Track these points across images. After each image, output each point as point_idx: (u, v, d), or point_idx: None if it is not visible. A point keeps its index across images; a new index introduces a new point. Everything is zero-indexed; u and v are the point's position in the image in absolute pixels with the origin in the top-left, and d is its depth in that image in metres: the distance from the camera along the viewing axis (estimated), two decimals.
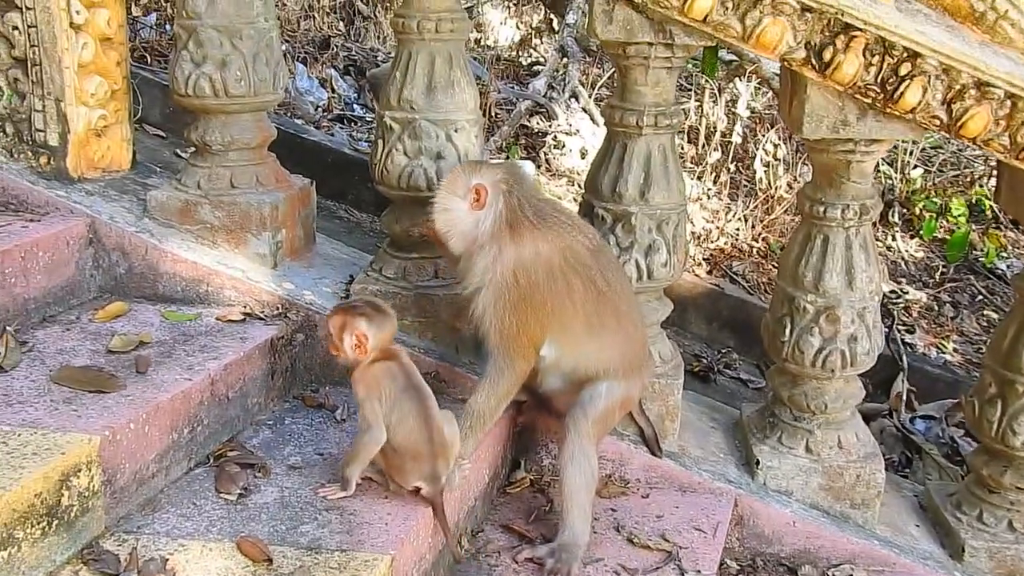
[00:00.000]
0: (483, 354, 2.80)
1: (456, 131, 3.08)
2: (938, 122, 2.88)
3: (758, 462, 3.15)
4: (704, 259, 6.02)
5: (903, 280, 6.91)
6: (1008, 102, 2.82)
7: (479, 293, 2.70)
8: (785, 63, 2.89)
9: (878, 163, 3.18)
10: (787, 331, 3.09)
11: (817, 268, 3.05)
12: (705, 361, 5.25)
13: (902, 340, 5.75)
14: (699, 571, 2.72)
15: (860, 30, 2.78)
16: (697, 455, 3.19)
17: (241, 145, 3.23)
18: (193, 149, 3.32)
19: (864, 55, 2.82)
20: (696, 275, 5.82)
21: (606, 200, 3.11)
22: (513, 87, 7.38)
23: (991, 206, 7.45)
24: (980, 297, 6.91)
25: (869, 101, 2.89)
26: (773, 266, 6.18)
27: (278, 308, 3.11)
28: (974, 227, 7.21)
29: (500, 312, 2.68)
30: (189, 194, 3.23)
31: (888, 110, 2.89)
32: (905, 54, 2.80)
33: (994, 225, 7.39)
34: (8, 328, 2.79)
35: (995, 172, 3.35)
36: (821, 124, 2.94)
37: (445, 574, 2.65)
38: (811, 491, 3.14)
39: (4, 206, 3.18)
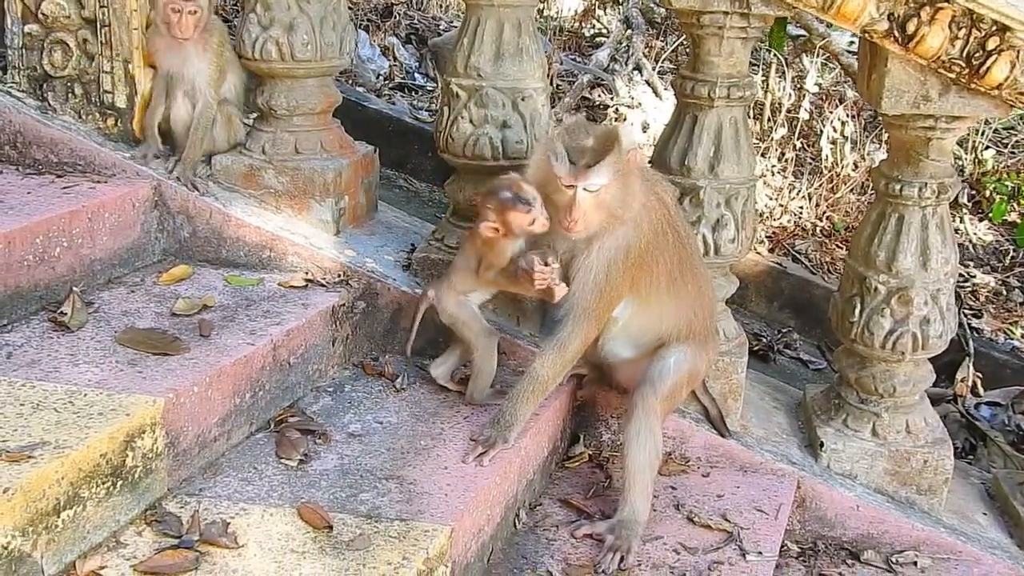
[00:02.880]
0: (549, 320, 2.76)
1: (523, 99, 3.03)
2: None
3: (822, 444, 3.08)
4: (766, 237, 5.91)
5: (971, 264, 6.71)
6: None
7: (595, 248, 2.59)
8: (866, 35, 2.79)
9: None
10: (857, 312, 3.01)
11: (891, 248, 2.96)
12: (765, 340, 5.17)
13: (969, 325, 5.60)
14: (760, 552, 2.67)
15: (947, 2, 2.67)
16: (759, 435, 3.13)
17: (306, 110, 3.21)
18: (258, 114, 3.31)
19: (950, 28, 2.72)
20: (758, 253, 5.71)
21: (674, 173, 3.04)
22: (576, 59, 7.28)
23: None
24: None
25: (953, 76, 2.78)
26: (837, 246, 6.05)
27: (340, 275, 3.10)
28: None
29: (616, 269, 2.59)
30: (254, 159, 3.22)
31: (973, 86, 2.78)
32: (993, 27, 2.69)
33: None
34: (75, 289, 2.82)
35: None
36: (901, 99, 2.84)
37: (503, 546, 2.63)
38: (876, 475, 3.06)
39: (72, 167, 3.20)
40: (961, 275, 6.48)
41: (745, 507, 2.85)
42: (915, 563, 2.94)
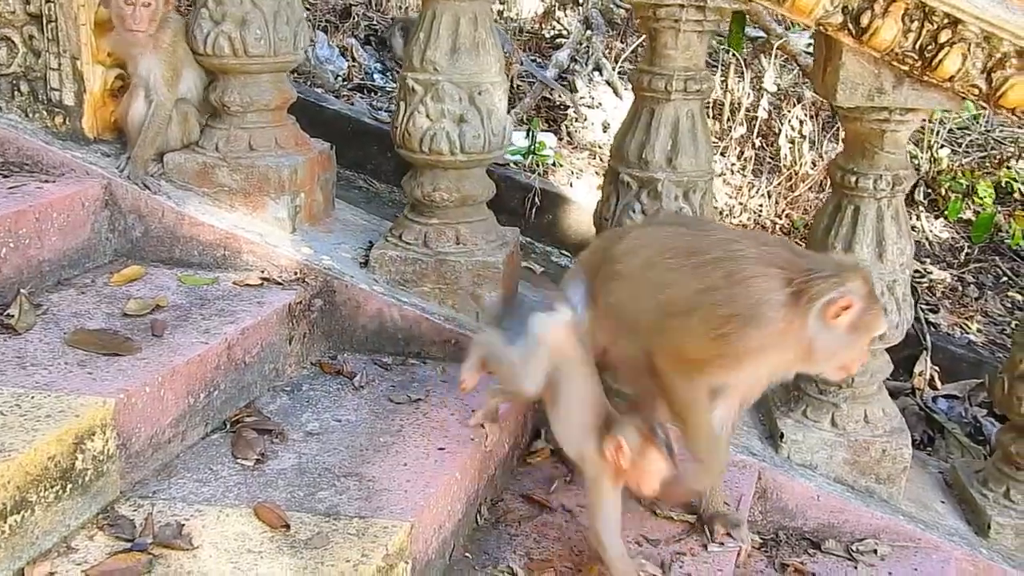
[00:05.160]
0: None
1: (480, 94, 3.01)
2: (977, 91, 2.80)
3: (782, 435, 3.09)
4: None
5: (927, 260, 6.80)
6: None
7: None
8: (820, 28, 2.81)
9: None
10: None
11: (847, 239, 2.97)
12: None
13: (926, 319, 5.66)
14: (721, 543, 2.66)
15: None
16: None
17: (260, 106, 3.17)
18: (211, 111, 3.26)
19: (903, 20, 2.74)
20: None
21: (632, 166, 3.04)
22: (536, 60, 7.28)
23: (1019, 188, 7.33)
24: (1005, 279, 6.80)
25: (906, 68, 2.81)
26: (797, 243, 6.09)
27: (296, 273, 3.05)
28: (1000, 209, 7.09)
29: None
30: (207, 156, 3.17)
31: (925, 78, 2.81)
32: (945, 20, 2.71)
33: (1020, 207, 7.26)
34: (22, 291, 2.76)
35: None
36: (856, 92, 2.86)
37: (465, 542, 2.60)
38: (836, 465, 3.08)
39: (19, 166, 3.13)
40: (918, 271, 6.57)
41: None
42: (875, 551, 2.96)
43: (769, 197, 6.29)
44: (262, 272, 3.05)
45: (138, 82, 3.15)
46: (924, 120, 7.13)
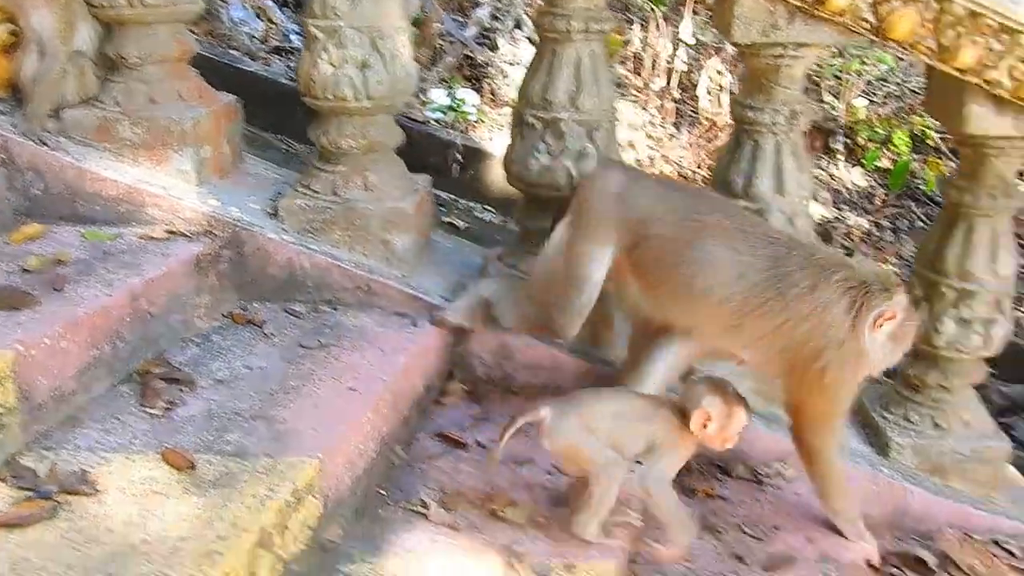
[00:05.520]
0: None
1: (382, 39, 3.00)
2: (866, 25, 2.87)
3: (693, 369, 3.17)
4: None
5: (845, 207, 6.96)
6: (935, 4, 2.81)
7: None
8: None
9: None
10: None
11: (747, 173, 3.04)
12: None
13: None
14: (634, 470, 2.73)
15: None
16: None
17: (159, 59, 3.13)
18: (110, 65, 3.21)
19: None
20: None
21: (536, 108, 3.07)
22: (458, 19, 7.26)
23: (933, 136, 7.52)
24: (920, 223, 7.00)
25: (798, 4, 2.87)
26: (705, 183, 6.20)
27: (203, 225, 3.04)
28: (915, 156, 7.27)
29: None
30: (107, 111, 3.13)
31: (817, 13, 2.87)
32: None
33: (934, 154, 7.46)
34: None
35: None
36: (751, 28, 2.92)
37: (380, 481, 2.63)
38: (742, 393, 3.15)
39: None
40: (836, 217, 6.73)
41: None
42: (781, 474, 3.06)
43: (690, 148, 6.38)
44: (168, 225, 3.02)
45: (31, 36, 3.08)
46: (840, 73, 7.24)
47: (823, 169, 7.38)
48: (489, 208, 5.51)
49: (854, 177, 7.31)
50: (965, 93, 2.88)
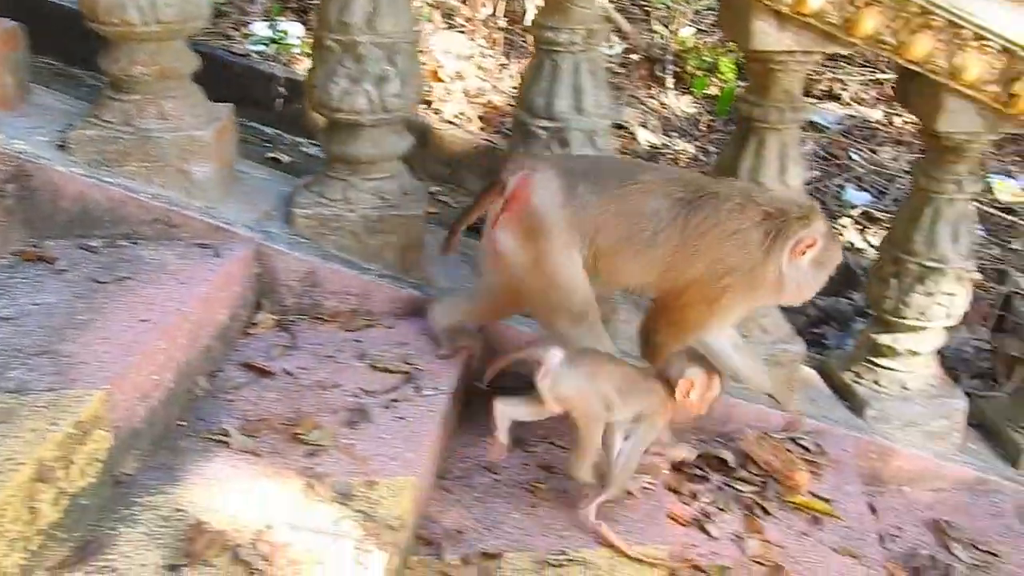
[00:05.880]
0: None
1: None
2: None
3: None
4: (479, 116, 6.01)
5: (674, 134, 7.15)
6: None
7: None
8: None
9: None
10: None
11: (547, 93, 3.09)
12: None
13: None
14: (437, 388, 2.78)
15: None
16: (444, 285, 3.23)
17: None
18: None
19: None
20: (470, 132, 5.82)
21: (334, 31, 3.01)
22: None
23: None
24: None
25: None
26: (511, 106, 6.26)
27: None
28: (741, 84, 7.51)
29: None
30: None
31: None
32: None
33: None
34: None
35: None
36: None
37: (180, 413, 2.59)
38: None
39: None
40: (664, 144, 6.92)
41: (427, 351, 2.95)
42: None
43: (520, 78, 6.42)
44: None
45: None
46: (671, 3, 7.35)
47: (653, 98, 7.55)
48: (315, 142, 5.42)
49: (683, 105, 7.51)
50: (750, 11, 2.99)
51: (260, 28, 5.77)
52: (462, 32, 6.38)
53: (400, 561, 2.27)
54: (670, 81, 7.49)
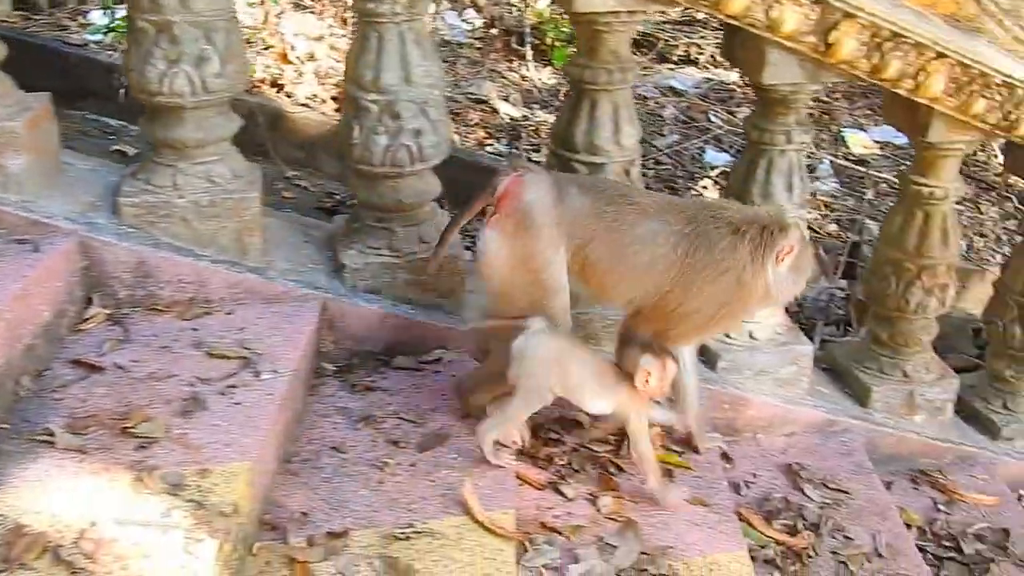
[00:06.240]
0: None
1: None
2: None
3: (344, 266, 3.19)
4: (332, 97, 5.92)
5: (536, 106, 7.19)
6: None
7: None
8: None
9: None
10: (355, 132, 3.09)
11: (375, 66, 3.04)
12: (338, 197, 5.25)
13: (528, 158, 6.02)
14: (276, 371, 2.72)
15: None
16: (285, 268, 3.16)
17: None
18: None
19: None
20: (324, 114, 5.73)
21: (146, 11, 2.91)
22: None
23: None
24: None
25: None
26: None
27: None
28: None
29: None
30: None
31: None
32: None
33: None
34: None
35: None
36: None
37: (3, 414, 2.47)
38: (399, 287, 3.22)
39: None
40: (526, 117, 6.95)
41: (266, 335, 2.89)
42: (440, 359, 3.17)
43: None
44: None
45: None
46: None
47: (514, 71, 7.57)
48: None
49: (544, 76, 7.55)
50: None
51: (98, 17, 5.56)
52: (312, 13, 6.26)
53: (234, 547, 2.22)
54: (529, 53, 7.52)
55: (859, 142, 7.41)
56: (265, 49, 5.82)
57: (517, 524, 2.68)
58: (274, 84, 5.65)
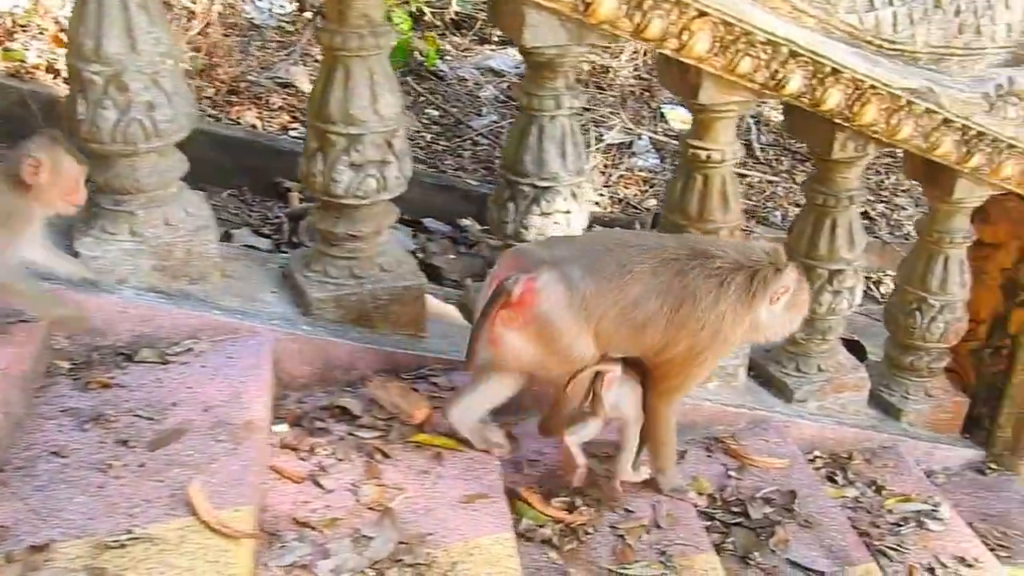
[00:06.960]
0: None
1: None
2: None
3: (78, 254, 2.92)
4: None
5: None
6: None
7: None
8: None
9: None
10: (80, 107, 2.83)
11: (95, 34, 2.78)
12: None
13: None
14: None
15: None
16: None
17: None
18: None
19: None
20: None
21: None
22: None
23: (430, 13, 7.72)
24: (422, 97, 7.19)
25: None
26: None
27: None
28: (415, 34, 7.42)
29: None
30: None
31: None
32: None
33: (429, 29, 7.66)
34: None
35: None
36: None
37: None
38: (144, 274, 2.97)
39: None
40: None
41: None
42: (190, 349, 2.93)
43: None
44: None
45: None
46: None
47: None
48: None
49: None
50: None
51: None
52: None
53: None
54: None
55: (678, 117, 7.46)
56: (40, 33, 5.42)
57: (269, 521, 2.51)
58: (49, 69, 5.25)
